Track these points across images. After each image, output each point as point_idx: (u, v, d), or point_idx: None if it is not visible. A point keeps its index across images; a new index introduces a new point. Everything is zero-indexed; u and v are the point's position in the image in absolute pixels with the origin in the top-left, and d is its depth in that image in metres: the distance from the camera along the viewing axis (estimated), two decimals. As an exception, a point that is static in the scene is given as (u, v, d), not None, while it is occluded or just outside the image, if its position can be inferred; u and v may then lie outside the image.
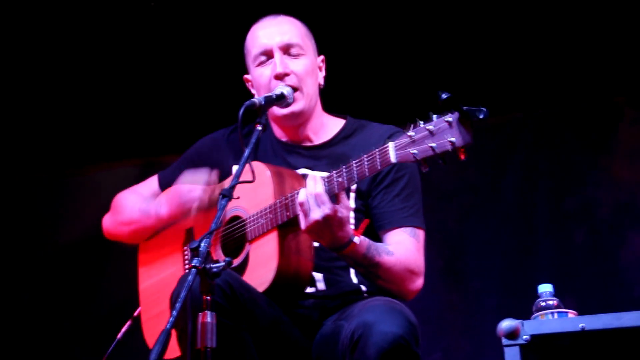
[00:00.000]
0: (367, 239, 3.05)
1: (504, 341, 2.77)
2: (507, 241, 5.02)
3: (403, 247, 3.15)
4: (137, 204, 3.51)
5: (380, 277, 3.09)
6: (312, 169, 3.27)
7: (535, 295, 3.14)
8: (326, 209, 2.91)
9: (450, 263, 5.08)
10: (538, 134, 5.11)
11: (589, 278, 4.82)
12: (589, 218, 4.96)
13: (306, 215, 2.94)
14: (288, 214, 3.05)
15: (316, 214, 2.92)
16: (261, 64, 3.34)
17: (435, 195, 4.97)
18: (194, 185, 3.34)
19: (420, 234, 3.23)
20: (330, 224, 2.93)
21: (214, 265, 2.59)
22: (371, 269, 3.06)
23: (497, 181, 5.10)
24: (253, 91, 3.43)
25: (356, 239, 3.00)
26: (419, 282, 3.17)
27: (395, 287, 3.13)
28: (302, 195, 2.95)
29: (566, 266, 4.88)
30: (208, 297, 2.58)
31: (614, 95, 5.03)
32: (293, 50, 3.32)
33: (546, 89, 5.04)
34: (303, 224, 2.95)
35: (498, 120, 5.12)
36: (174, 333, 2.86)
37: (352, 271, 3.23)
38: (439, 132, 2.69)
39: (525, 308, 3.09)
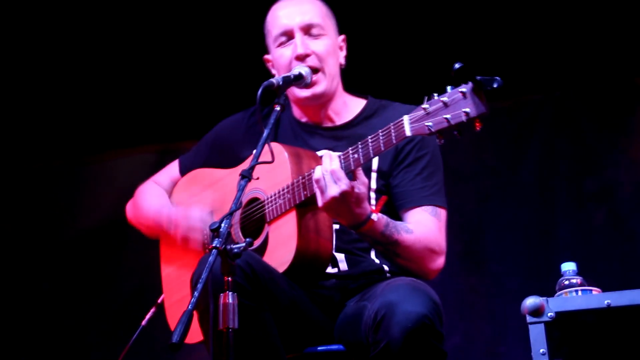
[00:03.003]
0: (385, 217, 3.03)
1: (529, 319, 2.75)
2: (526, 223, 5.00)
3: (423, 225, 3.13)
4: (152, 207, 3.50)
5: (399, 256, 3.07)
6: (333, 150, 3.23)
7: (556, 277, 3.12)
8: (343, 185, 2.89)
9: (469, 246, 5.06)
10: (557, 116, 5.08)
11: (609, 259, 4.80)
12: (609, 199, 4.94)
13: (322, 192, 2.92)
14: (306, 192, 3.04)
15: (333, 190, 2.90)
16: (282, 44, 3.32)
17: (454, 178, 4.95)
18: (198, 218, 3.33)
19: (442, 213, 3.21)
20: (347, 201, 2.91)
21: (234, 246, 2.58)
22: (390, 247, 3.04)
23: (516, 163, 5.08)
24: (273, 71, 3.41)
25: (374, 216, 2.97)
26: (440, 261, 3.14)
27: (415, 265, 3.11)
28: (318, 172, 2.93)
29: (586, 247, 4.86)
30: (229, 278, 2.56)
31: (634, 76, 4.99)
32: (314, 31, 3.29)
33: (565, 70, 5.01)
34: (320, 201, 2.93)
35: (517, 102, 5.10)
36: (195, 315, 2.85)
37: (372, 252, 3.21)
38: (453, 104, 2.66)
39: (546, 290, 3.06)
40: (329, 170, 2.91)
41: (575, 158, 5.01)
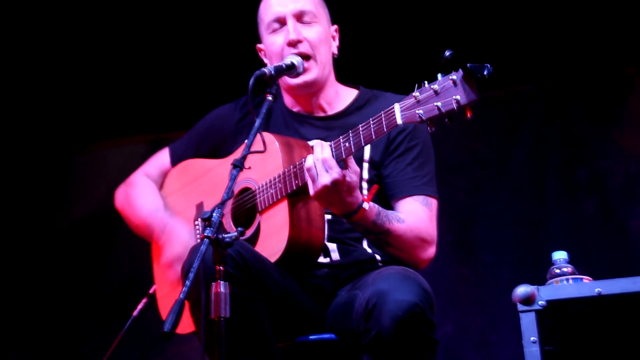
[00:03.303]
0: (377, 206, 3.04)
1: (520, 307, 2.75)
2: (517, 213, 5.01)
3: (415, 215, 3.13)
4: (145, 208, 3.49)
5: (391, 245, 3.07)
6: (325, 140, 3.23)
7: (547, 267, 3.12)
8: (334, 173, 2.89)
9: (460, 236, 5.07)
10: (548, 106, 5.08)
11: (600, 249, 4.81)
12: (600, 189, 4.95)
13: (314, 180, 2.91)
14: (297, 182, 3.04)
15: (324, 179, 2.89)
16: (274, 31, 3.32)
17: (445, 168, 4.95)
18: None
19: (433, 202, 3.21)
20: (339, 189, 2.91)
21: (226, 235, 2.57)
22: (381, 236, 3.05)
23: (508, 153, 5.08)
24: (266, 60, 3.41)
25: (366, 205, 2.97)
26: (430, 251, 3.15)
27: (407, 255, 3.11)
28: (309, 160, 2.93)
29: (577, 237, 4.87)
30: (221, 267, 2.56)
31: (625, 67, 5.00)
32: (306, 18, 3.29)
33: (556, 60, 5.01)
34: (311, 190, 2.93)
35: (508, 93, 5.10)
36: (187, 304, 2.84)
37: (364, 242, 3.22)
38: (444, 91, 2.66)
39: (537, 279, 3.06)
40: (321, 159, 2.91)
41: (566, 148, 5.02)
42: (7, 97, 5.45)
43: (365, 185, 3.22)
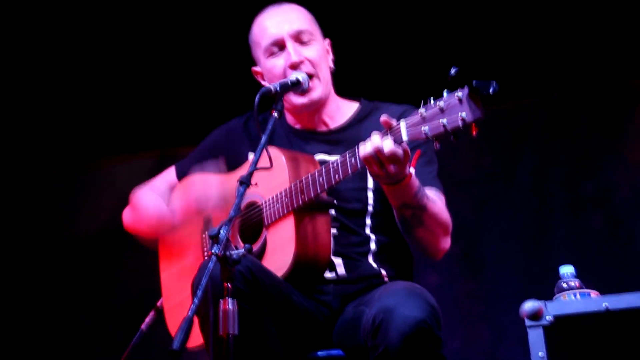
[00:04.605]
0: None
1: (527, 322, 2.75)
2: (524, 227, 5.00)
3: (439, 202, 3.12)
4: (153, 207, 3.49)
5: (423, 224, 3.03)
6: (329, 154, 3.26)
7: (554, 281, 3.12)
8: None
9: (467, 251, 5.07)
10: (553, 119, 5.08)
11: (607, 262, 4.80)
12: (606, 202, 4.94)
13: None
14: (303, 197, 3.05)
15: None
16: (273, 54, 3.32)
17: (451, 183, 4.92)
18: (205, 180, 3.32)
19: (443, 197, 3.20)
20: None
21: (234, 253, 2.58)
22: (418, 211, 3.00)
23: (513, 167, 5.08)
24: (264, 83, 3.40)
25: (412, 170, 2.92)
26: (449, 241, 3.14)
27: (434, 238, 3.09)
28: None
29: (584, 251, 4.86)
30: (229, 284, 2.56)
31: (630, 79, 5.00)
32: (304, 37, 3.30)
33: (561, 73, 5.01)
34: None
35: (514, 106, 5.10)
36: (196, 320, 2.85)
37: (370, 257, 3.21)
38: (450, 108, 2.66)
39: (544, 294, 3.06)
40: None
41: (571, 161, 5.02)
42: (15, 114, 5.47)
43: (371, 194, 3.22)
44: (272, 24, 3.33)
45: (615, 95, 5.01)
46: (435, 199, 3.09)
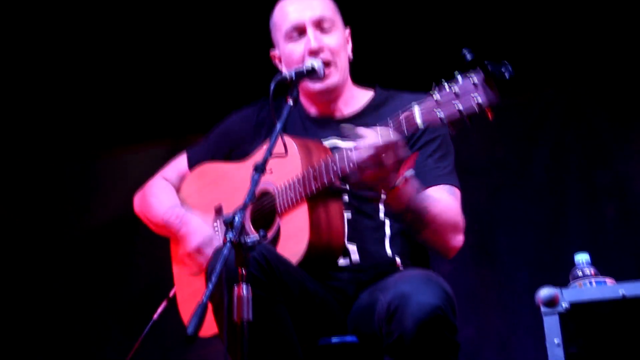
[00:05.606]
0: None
1: (543, 309, 2.75)
2: (538, 217, 5.00)
3: (445, 200, 3.11)
4: (162, 206, 3.50)
5: (427, 226, 3.02)
6: (344, 141, 3.24)
7: (568, 270, 3.12)
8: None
9: (481, 240, 5.06)
10: (569, 110, 5.07)
11: (621, 251, 4.79)
12: (620, 192, 4.93)
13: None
14: (317, 184, 3.03)
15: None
16: (292, 39, 3.31)
17: (465, 172, 4.91)
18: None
19: (457, 192, 3.19)
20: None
21: (248, 239, 2.58)
22: (420, 214, 2.99)
23: (528, 156, 5.07)
24: (281, 67, 3.40)
25: (410, 172, 2.92)
26: (460, 239, 3.12)
27: (440, 239, 3.08)
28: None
29: (598, 240, 4.85)
30: (243, 270, 2.56)
31: (645, 69, 4.98)
32: (325, 25, 3.29)
33: (576, 64, 4.99)
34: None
35: (529, 97, 5.09)
36: (210, 307, 2.85)
37: (386, 243, 3.20)
38: (465, 93, 2.64)
39: (558, 282, 3.06)
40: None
41: (586, 151, 5.01)
42: (28, 104, 5.48)
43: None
44: (294, 9, 3.32)
45: (629, 85, 4.98)
46: (439, 198, 3.07)
